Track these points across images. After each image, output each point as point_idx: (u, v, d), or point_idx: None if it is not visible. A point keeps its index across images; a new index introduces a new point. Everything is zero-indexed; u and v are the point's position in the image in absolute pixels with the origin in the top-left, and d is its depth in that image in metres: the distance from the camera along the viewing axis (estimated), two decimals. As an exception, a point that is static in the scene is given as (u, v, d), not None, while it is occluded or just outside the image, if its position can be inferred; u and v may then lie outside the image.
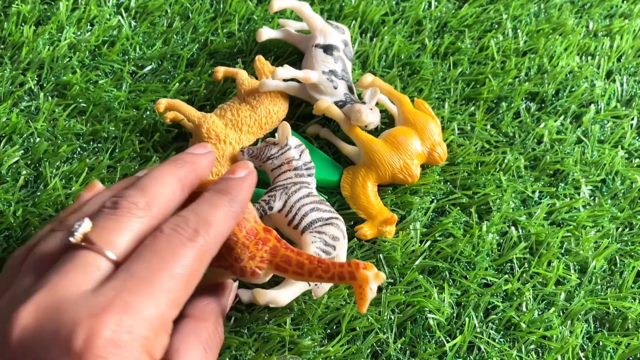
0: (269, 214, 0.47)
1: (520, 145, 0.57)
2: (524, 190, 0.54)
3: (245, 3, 0.63)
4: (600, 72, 0.63)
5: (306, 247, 0.44)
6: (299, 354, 0.44)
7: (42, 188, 0.50)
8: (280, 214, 0.47)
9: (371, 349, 0.45)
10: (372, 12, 0.63)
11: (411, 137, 0.52)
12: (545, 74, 0.62)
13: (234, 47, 0.61)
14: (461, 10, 0.65)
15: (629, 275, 0.50)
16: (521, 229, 0.52)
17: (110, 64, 0.58)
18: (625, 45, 0.65)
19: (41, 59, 0.57)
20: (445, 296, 0.47)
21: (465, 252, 0.50)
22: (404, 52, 0.61)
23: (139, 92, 0.57)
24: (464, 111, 0.58)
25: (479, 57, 0.62)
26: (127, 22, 0.61)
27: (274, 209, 0.46)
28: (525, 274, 0.50)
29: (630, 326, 0.48)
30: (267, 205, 0.46)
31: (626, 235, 0.53)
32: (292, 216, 0.46)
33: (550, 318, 0.47)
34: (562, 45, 0.64)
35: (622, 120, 0.60)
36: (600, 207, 0.54)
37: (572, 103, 0.60)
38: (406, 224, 0.51)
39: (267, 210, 0.46)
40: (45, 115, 0.54)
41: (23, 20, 0.59)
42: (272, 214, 0.47)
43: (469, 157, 0.55)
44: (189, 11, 0.63)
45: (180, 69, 0.58)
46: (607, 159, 0.56)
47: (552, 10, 0.67)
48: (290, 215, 0.46)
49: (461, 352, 0.46)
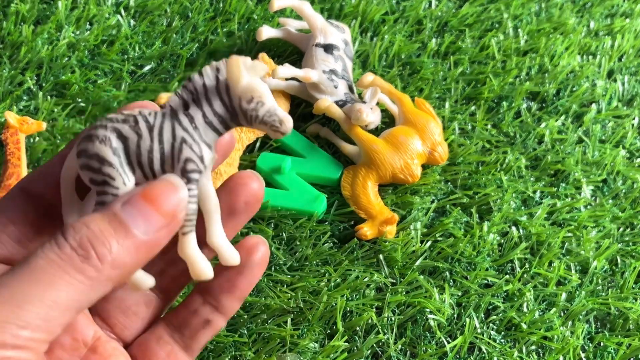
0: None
1: (521, 145, 0.56)
2: (525, 190, 0.54)
3: (245, 2, 0.63)
4: (601, 72, 0.62)
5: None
6: (299, 353, 0.44)
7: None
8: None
9: (371, 349, 0.45)
10: (372, 12, 0.63)
11: (412, 137, 0.52)
12: (546, 73, 0.61)
13: (234, 46, 0.60)
14: (462, 9, 0.65)
15: (630, 276, 0.50)
16: (522, 229, 0.52)
17: (110, 63, 0.58)
18: (626, 45, 0.64)
19: (40, 59, 0.57)
20: (445, 297, 0.47)
21: (465, 252, 0.49)
22: (404, 51, 0.61)
23: (139, 91, 0.56)
24: (464, 111, 0.58)
25: (480, 57, 0.62)
26: (127, 21, 0.61)
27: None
28: (526, 275, 0.49)
29: (631, 327, 0.48)
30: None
31: (627, 235, 0.53)
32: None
33: (551, 318, 0.47)
34: (563, 45, 0.63)
35: (624, 120, 0.59)
36: (601, 207, 0.54)
37: (573, 103, 0.59)
38: (407, 224, 0.51)
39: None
40: (44, 114, 0.54)
41: (22, 20, 0.59)
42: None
43: (469, 157, 0.55)
44: (188, 10, 0.62)
45: (180, 68, 0.58)
46: (609, 158, 0.56)
47: (553, 9, 0.67)
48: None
49: (462, 352, 0.45)
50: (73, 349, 0.27)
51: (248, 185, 0.28)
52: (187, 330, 0.29)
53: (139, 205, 0.24)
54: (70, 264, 0.22)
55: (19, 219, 0.26)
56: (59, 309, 0.22)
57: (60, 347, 0.27)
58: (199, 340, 0.29)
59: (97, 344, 0.28)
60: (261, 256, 0.28)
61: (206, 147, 0.25)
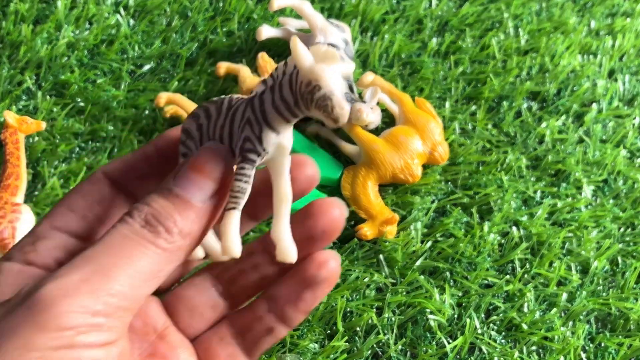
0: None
1: (521, 144, 0.56)
2: (526, 190, 0.53)
3: (244, 1, 0.63)
4: (602, 71, 0.62)
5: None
6: (299, 354, 0.44)
7: (40, 187, 0.50)
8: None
9: (372, 350, 0.45)
10: (372, 11, 0.63)
11: (412, 137, 0.52)
12: (546, 73, 0.61)
13: (234, 46, 0.60)
14: (462, 9, 0.65)
15: (631, 276, 0.50)
16: (522, 229, 0.52)
17: (109, 62, 0.58)
18: (627, 44, 0.64)
19: (39, 58, 0.57)
20: (446, 297, 0.47)
21: (466, 252, 0.49)
22: (404, 51, 0.61)
23: (138, 91, 0.56)
24: (465, 110, 0.58)
25: (480, 56, 0.62)
26: (126, 20, 0.60)
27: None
28: (527, 275, 0.49)
29: (632, 327, 0.48)
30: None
31: (628, 235, 0.53)
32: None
33: (552, 319, 0.47)
34: (563, 44, 0.63)
35: (624, 120, 0.59)
36: (602, 207, 0.54)
37: (574, 102, 0.59)
38: (407, 224, 0.50)
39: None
40: (43, 114, 0.53)
41: (21, 19, 0.59)
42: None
43: (470, 157, 0.54)
44: (188, 10, 0.62)
45: (180, 67, 0.58)
46: (609, 158, 0.56)
47: (553, 9, 0.67)
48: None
49: (462, 353, 0.45)
50: (143, 333, 0.28)
51: (329, 212, 0.28)
52: (249, 335, 0.29)
53: (189, 176, 0.25)
54: (143, 238, 0.24)
55: (100, 200, 0.27)
56: (140, 278, 0.23)
57: (132, 329, 0.27)
58: (260, 346, 0.29)
59: (166, 333, 0.29)
60: (331, 271, 0.28)
61: (268, 130, 0.25)
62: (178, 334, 0.29)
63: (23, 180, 0.48)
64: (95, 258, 0.23)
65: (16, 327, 0.21)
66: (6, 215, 0.46)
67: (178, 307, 0.29)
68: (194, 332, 0.30)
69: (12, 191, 0.47)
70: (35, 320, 0.21)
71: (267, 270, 0.29)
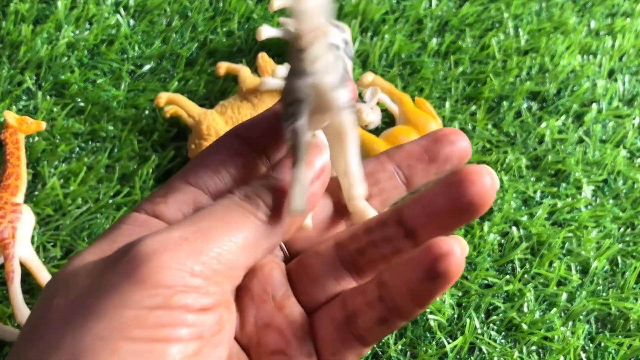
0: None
1: (521, 144, 0.56)
2: (525, 190, 0.53)
3: (244, 1, 0.63)
4: (602, 71, 0.62)
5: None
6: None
7: (40, 187, 0.50)
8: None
9: (371, 350, 0.45)
10: (372, 11, 0.63)
11: (412, 137, 0.52)
12: (546, 73, 0.61)
13: (234, 46, 0.60)
14: (462, 9, 0.65)
15: (631, 276, 0.50)
16: (522, 229, 0.52)
17: (109, 62, 0.58)
18: (627, 44, 0.64)
19: (39, 58, 0.57)
20: (446, 297, 0.47)
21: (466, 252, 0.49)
22: (404, 51, 0.61)
23: (138, 91, 0.56)
24: (465, 110, 0.58)
25: (480, 56, 0.62)
26: (126, 20, 0.60)
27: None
28: (527, 275, 0.49)
29: (632, 327, 0.48)
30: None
31: (628, 235, 0.53)
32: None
33: (552, 319, 0.47)
34: (563, 44, 0.63)
35: (624, 120, 0.59)
36: (602, 207, 0.54)
37: (574, 102, 0.59)
38: (407, 224, 0.50)
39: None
40: (43, 114, 0.53)
41: (21, 19, 0.59)
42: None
43: (470, 157, 0.54)
44: (188, 10, 0.62)
45: (180, 67, 0.58)
46: (609, 158, 0.56)
47: (553, 9, 0.67)
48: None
49: (462, 353, 0.45)
50: (261, 300, 0.27)
51: (480, 181, 0.23)
52: (361, 321, 0.26)
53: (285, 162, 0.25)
54: (246, 209, 0.24)
55: (232, 157, 0.27)
56: (239, 245, 0.23)
57: (250, 293, 0.27)
58: (374, 335, 0.26)
59: (285, 304, 0.27)
60: (452, 265, 0.23)
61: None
62: (297, 306, 0.27)
63: (23, 180, 0.48)
64: (196, 221, 0.23)
65: (115, 283, 0.21)
66: (6, 215, 0.46)
67: (301, 275, 0.28)
68: (313, 305, 0.27)
69: (12, 191, 0.47)
70: (132, 274, 0.20)
71: (400, 244, 0.26)
